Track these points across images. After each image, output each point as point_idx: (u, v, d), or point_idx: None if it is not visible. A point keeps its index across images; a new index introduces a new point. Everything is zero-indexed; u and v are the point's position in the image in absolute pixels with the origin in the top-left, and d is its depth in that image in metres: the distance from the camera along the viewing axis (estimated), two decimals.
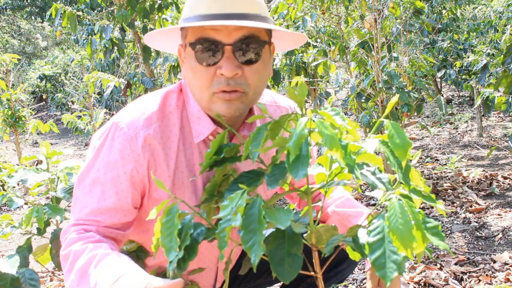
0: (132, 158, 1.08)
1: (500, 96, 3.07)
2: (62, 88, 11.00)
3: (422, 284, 2.14)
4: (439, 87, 8.28)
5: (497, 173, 3.82)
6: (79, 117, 6.11)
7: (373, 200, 3.41)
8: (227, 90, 1.04)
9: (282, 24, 4.31)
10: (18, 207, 2.23)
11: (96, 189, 1.09)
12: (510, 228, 2.72)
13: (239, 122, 1.17)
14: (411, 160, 0.85)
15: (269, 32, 1.10)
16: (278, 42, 1.18)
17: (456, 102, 8.30)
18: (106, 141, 1.10)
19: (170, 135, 1.12)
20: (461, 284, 2.14)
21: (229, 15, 1.01)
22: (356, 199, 3.49)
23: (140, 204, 1.14)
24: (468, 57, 5.69)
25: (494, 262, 2.32)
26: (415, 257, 0.79)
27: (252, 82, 1.06)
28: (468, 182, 3.64)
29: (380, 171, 0.88)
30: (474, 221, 2.87)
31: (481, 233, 2.71)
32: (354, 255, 1.04)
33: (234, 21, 0.99)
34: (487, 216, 2.94)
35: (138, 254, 1.20)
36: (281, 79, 4.99)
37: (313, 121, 0.81)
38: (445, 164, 4.26)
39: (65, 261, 1.07)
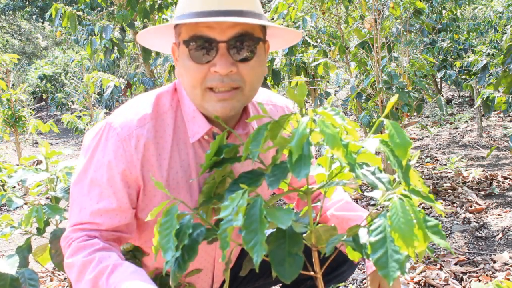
0: (125, 158, 1.07)
1: (500, 96, 3.06)
2: (62, 88, 11.00)
3: (422, 284, 2.14)
4: (439, 87, 8.28)
5: (497, 173, 3.82)
6: (79, 117, 6.10)
7: (373, 200, 3.41)
8: (220, 88, 1.03)
9: (282, 24, 4.30)
10: (17, 207, 2.23)
11: (94, 190, 1.08)
12: (510, 228, 2.71)
13: (234, 120, 1.17)
14: (410, 160, 0.85)
15: (263, 29, 1.10)
16: (273, 40, 1.17)
17: (456, 102, 8.30)
18: (100, 142, 1.10)
19: (164, 135, 1.11)
20: (461, 284, 2.14)
21: (224, 12, 1.01)
22: (356, 199, 3.48)
23: (136, 204, 1.14)
24: (468, 57, 5.69)
25: (494, 262, 2.32)
26: (417, 257, 0.79)
27: (247, 79, 1.05)
28: (468, 182, 3.64)
29: (380, 171, 0.88)
30: (474, 221, 2.87)
31: (481, 233, 2.70)
32: (353, 255, 1.04)
33: (228, 18, 0.99)
34: (487, 216, 2.94)
35: (135, 254, 1.20)
36: (281, 79, 4.98)
37: (314, 120, 0.81)
38: (445, 164, 4.26)
39: (71, 269, 1.07)
